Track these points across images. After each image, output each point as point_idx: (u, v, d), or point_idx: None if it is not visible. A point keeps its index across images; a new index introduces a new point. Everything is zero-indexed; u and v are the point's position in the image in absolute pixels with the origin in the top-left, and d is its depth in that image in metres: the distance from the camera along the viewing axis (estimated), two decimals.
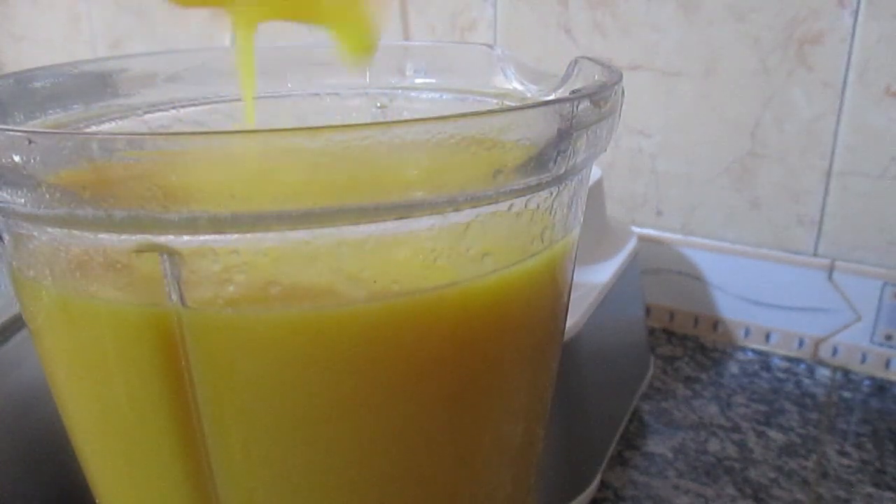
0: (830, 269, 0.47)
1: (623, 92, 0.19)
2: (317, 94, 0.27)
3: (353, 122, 0.18)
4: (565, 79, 0.22)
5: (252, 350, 0.16)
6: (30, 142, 0.14)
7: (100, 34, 0.68)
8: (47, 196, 0.14)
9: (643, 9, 0.47)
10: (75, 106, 0.22)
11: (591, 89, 0.17)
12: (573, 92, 0.18)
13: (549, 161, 0.16)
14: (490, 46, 0.26)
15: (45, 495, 0.27)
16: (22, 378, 0.27)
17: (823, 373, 0.47)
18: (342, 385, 0.16)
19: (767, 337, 0.49)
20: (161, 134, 0.14)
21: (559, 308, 0.21)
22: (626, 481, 0.37)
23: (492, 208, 0.16)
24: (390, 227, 0.15)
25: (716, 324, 0.50)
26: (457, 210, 0.16)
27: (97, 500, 0.21)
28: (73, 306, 0.17)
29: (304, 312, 0.16)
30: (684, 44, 0.47)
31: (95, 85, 0.23)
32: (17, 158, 0.14)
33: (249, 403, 0.16)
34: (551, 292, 0.20)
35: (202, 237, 0.15)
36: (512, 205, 0.17)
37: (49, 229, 0.16)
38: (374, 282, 0.16)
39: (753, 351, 0.49)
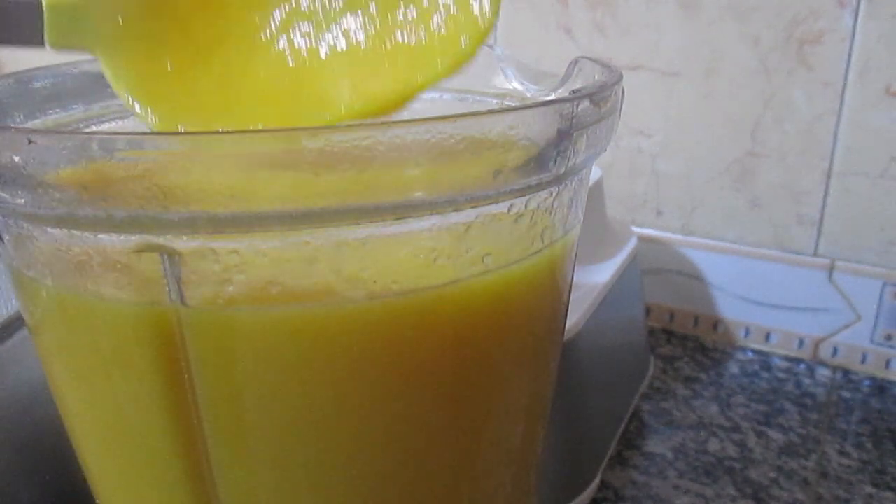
0: (830, 269, 0.47)
1: (623, 92, 0.19)
2: None
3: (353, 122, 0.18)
4: (565, 79, 0.22)
5: (252, 349, 0.16)
6: (30, 142, 0.14)
7: None
8: (47, 196, 0.14)
9: (643, 9, 0.47)
10: (75, 106, 0.22)
11: (591, 89, 0.17)
12: (573, 92, 0.18)
13: (549, 161, 0.16)
14: (490, 46, 0.26)
15: (45, 495, 0.27)
16: (22, 377, 0.27)
17: (823, 373, 0.47)
18: (342, 384, 0.16)
19: (767, 337, 0.49)
20: (161, 134, 0.14)
21: (559, 308, 0.21)
22: (626, 481, 0.37)
23: (492, 208, 0.16)
24: (390, 227, 0.15)
25: (716, 324, 0.50)
26: (457, 210, 0.16)
27: (97, 501, 0.21)
28: (73, 306, 0.17)
29: (304, 312, 0.16)
30: (684, 44, 0.47)
31: (95, 85, 0.23)
32: (17, 158, 0.14)
33: (249, 403, 0.16)
34: (551, 292, 0.20)
35: (202, 237, 0.15)
36: (512, 205, 0.17)
37: (49, 229, 0.16)
38: (374, 282, 0.16)
39: (753, 351, 0.49)
